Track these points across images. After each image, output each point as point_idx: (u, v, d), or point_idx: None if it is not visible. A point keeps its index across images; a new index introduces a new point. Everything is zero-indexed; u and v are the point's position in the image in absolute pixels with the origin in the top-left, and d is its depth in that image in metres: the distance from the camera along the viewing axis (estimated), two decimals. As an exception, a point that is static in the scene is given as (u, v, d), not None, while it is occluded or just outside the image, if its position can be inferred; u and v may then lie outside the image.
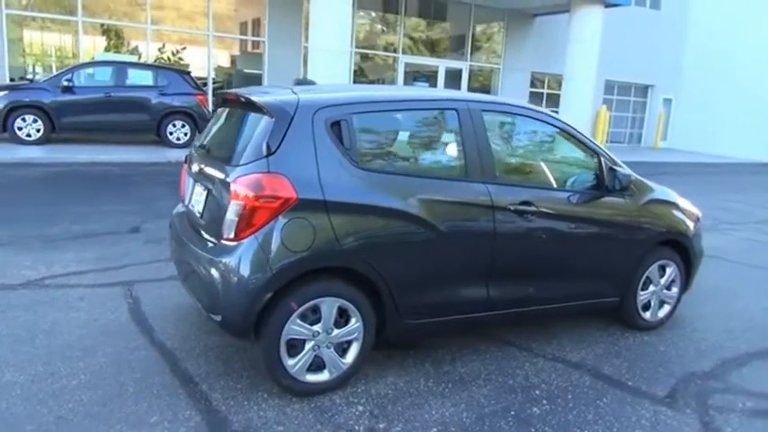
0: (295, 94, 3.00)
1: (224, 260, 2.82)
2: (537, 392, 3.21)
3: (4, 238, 5.38)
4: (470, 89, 18.27)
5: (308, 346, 2.92)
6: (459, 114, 3.28)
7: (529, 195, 3.42)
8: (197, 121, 12.02)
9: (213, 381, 3.10)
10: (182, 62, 15.85)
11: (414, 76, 17.64)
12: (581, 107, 16.02)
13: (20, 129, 10.75)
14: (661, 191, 4.18)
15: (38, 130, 10.89)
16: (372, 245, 2.97)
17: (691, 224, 4.24)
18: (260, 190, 2.75)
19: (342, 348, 3.04)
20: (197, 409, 2.83)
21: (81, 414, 2.72)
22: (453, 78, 18.06)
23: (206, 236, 3.08)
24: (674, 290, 4.24)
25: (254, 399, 2.94)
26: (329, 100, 3.00)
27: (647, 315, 4.14)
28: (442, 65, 17.69)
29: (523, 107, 3.66)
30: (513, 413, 2.99)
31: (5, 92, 10.75)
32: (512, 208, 3.33)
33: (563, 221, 3.57)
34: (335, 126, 2.93)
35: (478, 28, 18.51)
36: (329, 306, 2.91)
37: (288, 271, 2.78)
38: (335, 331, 2.97)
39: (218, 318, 2.87)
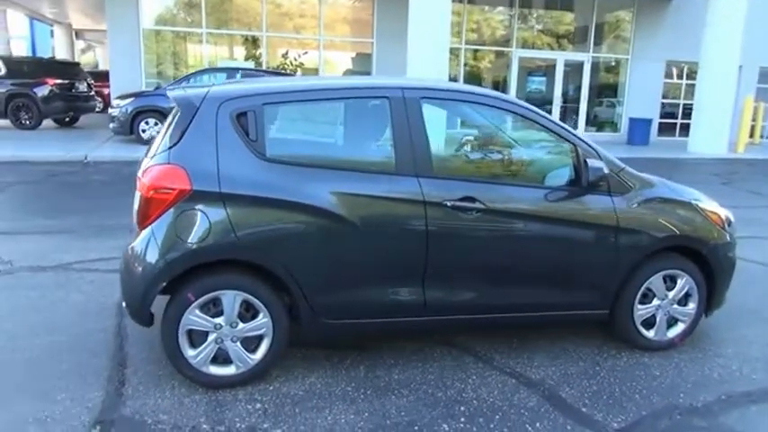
0: (209, 87, 3.01)
1: (128, 249, 2.92)
2: (462, 408, 2.90)
3: (70, 226, 6.05)
4: (593, 82, 17.05)
5: (210, 337, 2.91)
6: (391, 103, 3.05)
7: (474, 191, 3.09)
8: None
9: (141, 366, 3.20)
10: (303, 66, 16.68)
11: (528, 70, 16.86)
12: (719, 98, 14.24)
13: (143, 131, 12.03)
14: (669, 188, 3.56)
15: (158, 132, 12.06)
16: (277, 239, 2.88)
17: (712, 228, 3.56)
18: (156, 181, 2.80)
19: (252, 343, 2.99)
20: (105, 390, 2.95)
21: (1, 386, 2.96)
22: (575, 72, 16.98)
23: None
24: (691, 306, 3.58)
25: (162, 386, 2.99)
26: (238, 91, 2.96)
27: (651, 333, 3.55)
28: (560, 58, 16.69)
29: (478, 94, 3.30)
30: (416, 428, 2.73)
31: (132, 99, 12.08)
32: (448, 204, 3.03)
33: (521, 221, 3.18)
34: (242, 117, 2.89)
35: (603, 16, 17.18)
36: (230, 299, 2.88)
37: (180, 261, 2.79)
38: (241, 325, 2.93)
39: (124, 304, 2.97)
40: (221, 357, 2.96)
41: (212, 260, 2.84)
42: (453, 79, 16.11)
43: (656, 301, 3.51)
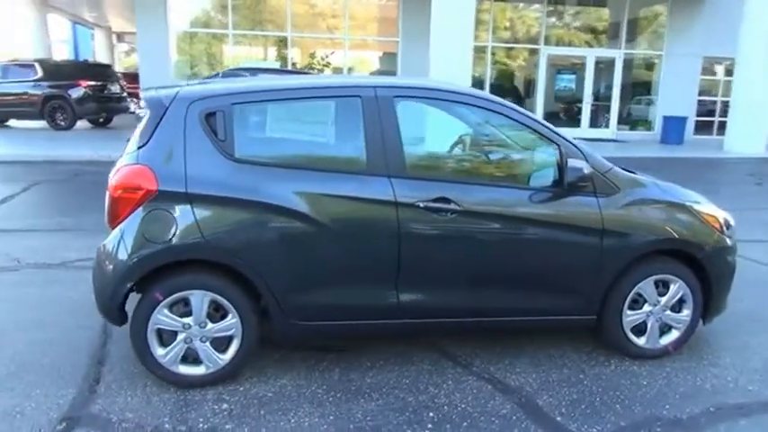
0: (180, 87, 3.01)
1: (99, 248, 2.95)
2: (430, 414, 2.83)
3: (84, 224, 6.20)
4: (625, 80, 16.60)
5: (179, 337, 2.91)
6: (363, 102, 3.00)
7: (449, 192, 3.01)
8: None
9: (119, 364, 3.23)
10: (330, 66, 16.76)
11: (558, 68, 16.52)
12: (757, 95, 13.65)
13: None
14: (661, 189, 3.40)
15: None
16: (246, 240, 2.86)
17: (708, 231, 3.39)
18: (123, 181, 2.82)
19: (222, 343, 2.98)
20: (78, 388, 2.98)
21: (-18, 381, 3.03)
22: (606, 69, 16.57)
23: None
24: (686, 312, 3.42)
25: (135, 385, 3.01)
26: (207, 91, 2.96)
27: (642, 341, 3.40)
28: (590, 55, 16.31)
29: (456, 92, 3.21)
30: (378, 434, 2.68)
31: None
32: (421, 205, 2.96)
33: (499, 223, 3.09)
34: (211, 117, 2.88)
35: (636, 11, 16.70)
36: (198, 299, 2.88)
37: (147, 261, 2.80)
38: (210, 325, 2.92)
39: (96, 303, 3.00)
40: (191, 357, 2.96)
41: (179, 260, 2.85)
42: (479, 79, 15.92)
43: (646, 307, 3.37)
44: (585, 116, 16.51)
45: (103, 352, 3.39)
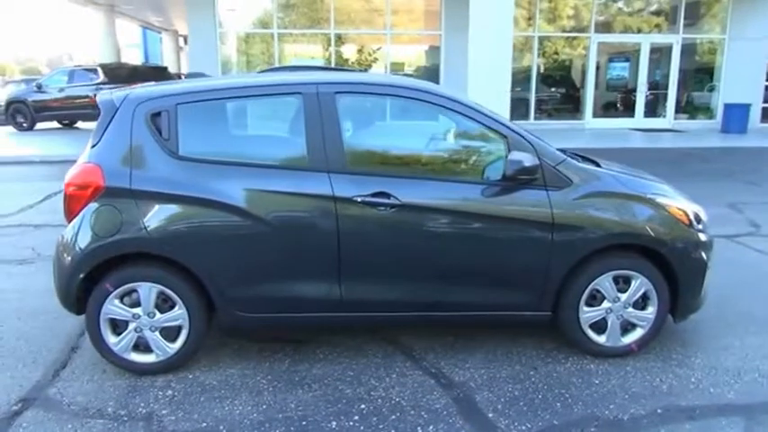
0: (133, 89, 3.17)
1: (57, 241, 3.16)
2: (361, 407, 2.87)
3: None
4: (684, 66, 15.74)
5: (130, 326, 3.08)
6: (305, 99, 3.06)
7: (389, 186, 3.02)
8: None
9: (89, 350, 3.42)
10: (377, 62, 16.86)
11: (610, 56, 15.88)
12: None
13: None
14: (619, 181, 3.26)
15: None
16: (188, 234, 2.98)
17: (673, 225, 3.22)
18: (73, 179, 3.01)
19: (172, 333, 3.12)
20: (44, 373, 3.20)
21: (-35, 363, 3.32)
22: (663, 56, 15.78)
23: None
24: (651, 309, 3.28)
25: (94, 370, 3.21)
26: (155, 92, 3.09)
27: (602, 339, 3.29)
28: (645, 41, 15.56)
29: (399, 86, 3.19)
30: (304, 423, 2.73)
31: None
32: (359, 200, 2.99)
33: (442, 217, 3.07)
34: (156, 117, 3.02)
35: (696, -7, 15.80)
36: (146, 290, 3.03)
37: (96, 254, 2.97)
38: (158, 315, 3.07)
39: (56, 292, 3.21)
40: (143, 345, 3.12)
41: (124, 253, 3.00)
42: (527, 70, 15.57)
43: (605, 304, 3.25)
44: (640, 105, 15.81)
45: (81, 340, 3.61)
